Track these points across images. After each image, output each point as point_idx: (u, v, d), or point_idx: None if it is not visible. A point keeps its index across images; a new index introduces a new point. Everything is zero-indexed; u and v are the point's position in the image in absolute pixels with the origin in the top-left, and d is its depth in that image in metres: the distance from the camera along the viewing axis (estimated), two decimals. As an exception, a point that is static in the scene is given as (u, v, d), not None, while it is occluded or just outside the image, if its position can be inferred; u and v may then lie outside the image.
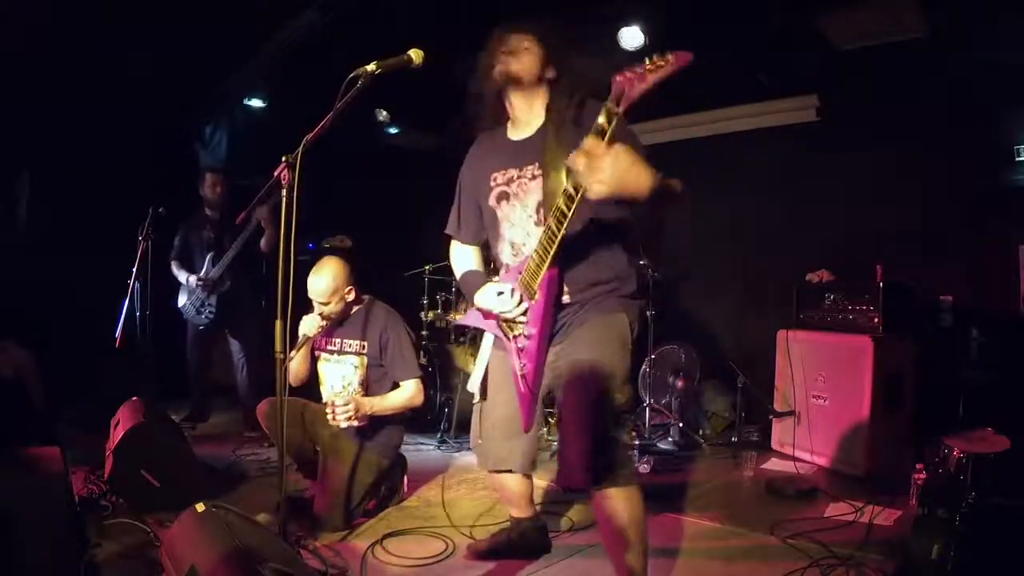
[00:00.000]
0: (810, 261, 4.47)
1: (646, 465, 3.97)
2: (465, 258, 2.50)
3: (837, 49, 4.45)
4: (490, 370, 2.40)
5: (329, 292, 3.07)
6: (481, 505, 3.37)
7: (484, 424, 2.38)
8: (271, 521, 2.67)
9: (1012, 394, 3.48)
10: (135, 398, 3.48)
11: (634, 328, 2.23)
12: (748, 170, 5.07)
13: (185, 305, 4.85)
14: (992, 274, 4.15)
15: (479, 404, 2.40)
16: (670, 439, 4.59)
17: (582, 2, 4.33)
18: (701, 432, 4.71)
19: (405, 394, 3.13)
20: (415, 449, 4.41)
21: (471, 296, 2.32)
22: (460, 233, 2.49)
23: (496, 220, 2.32)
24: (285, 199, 2.11)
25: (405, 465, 3.48)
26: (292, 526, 2.70)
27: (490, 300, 2.21)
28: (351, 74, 2.08)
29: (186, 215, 4.92)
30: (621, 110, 1.72)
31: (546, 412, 4.14)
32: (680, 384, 4.78)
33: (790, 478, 3.75)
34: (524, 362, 2.18)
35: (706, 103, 5.26)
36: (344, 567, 2.61)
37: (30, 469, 2.40)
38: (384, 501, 3.29)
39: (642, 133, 1.89)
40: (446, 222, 2.53)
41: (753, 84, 4.90)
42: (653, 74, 1.68)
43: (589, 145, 1.71)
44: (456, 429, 4.70)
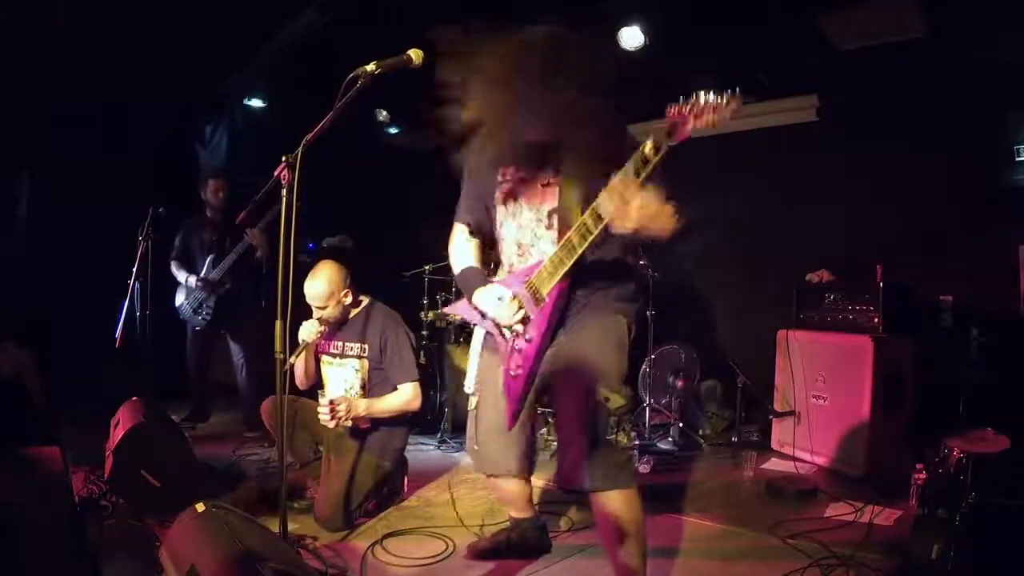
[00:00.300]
0: (810, 261, 4.47)
1: (646, 465, 3.97)
2: (465, 253, 2.44)
3: (837, 49, 4.46)
4: (480, 373, 2.39)
5: (325, 296, 3.07)
6: (481, 505, 3.37)
7: (478, 429, 2.37)
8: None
9: (1012, 394, 3.48)
10: (135, 398, 3.48)
11: (631, 330, 2.22)
12: (748, 170, 5.07)
13: (182, 305, 4.84)
14: (992, 274, 4.16)
15: (474, 410, 2.39)
16: (670, 439, 4.59)
17: (582, 2, 4.34)
18: (701, 432, 4.70)
19: (402, 397, 3.12)
20: (415, 449, 4.40)
21: (469, 293, 2.29)
22: (465, 220, 2.43)
23: (502, 219, 2.30)
24: (285, 199, 2.11)
25: (406, 466, 3.48)
26: (292, 526, 2.70)
27: (489, 304, 2.18)
28: (351, 74, 2.08)
29: (186, 215, 4.92)
30: (669, 144, 1.68)
31: (546, 413, 4.15)
32: (680, 384, 4.78)
33: (790, 478, 3.75)
34: (518, 363, 2.16)
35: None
36: (344, 567, 2.61)
37: (30, 469, 2.41)
38: (385, 502, 3.29)
39: (642, 134, 1.87)
40: (446, 222, 2.50)
41: (753, 84, 4.89)
42: (709, 115, 1.63)
43: (621, 185, 1.71)
44: (454, 430, 4.70)
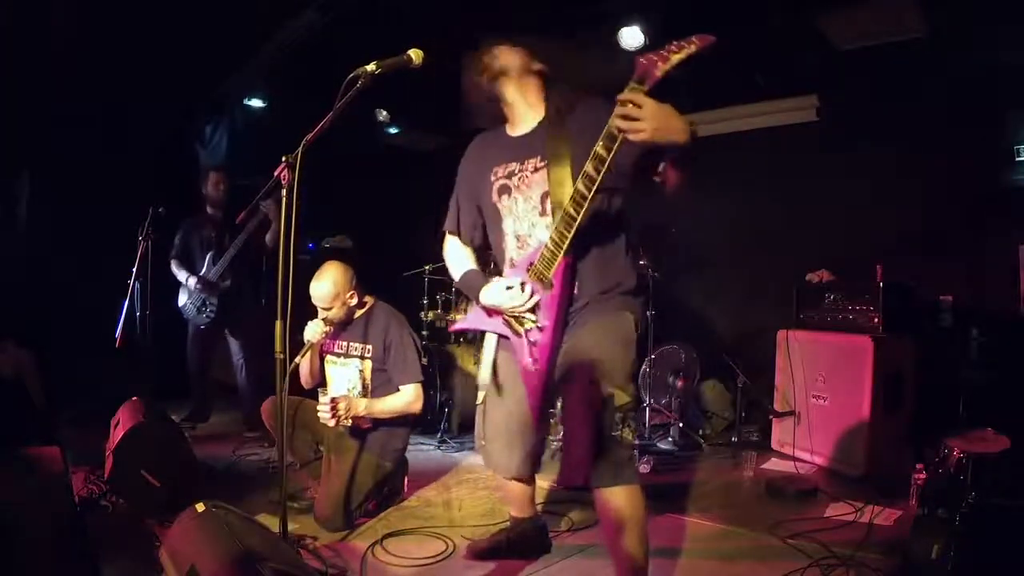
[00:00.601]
0: (810, 261, 4.47)
1: (646, 465, 3.97)
2: (461, 258, 2.47)
3: (837, 49, 4.45)
4: (495, 370, 2.38)
5: (331, 297, 3.08)
6: (481, 505, 3.37)
7: (487, 426, 2.38)
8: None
9: (1012, 394, 3.48)
10: (135, 398, 3.48)
11: (638, 326, 2.23)
12: (748, 170, 5.07)
13: (185, 305, 4.84)
14: (992, 274, 4.15)
15: (482, 406, 2.39)
16: (670, 439, 4.59)
17: (582, 2, 4.34)
18: (701, 432, 4.70)
19: (403, 399, 3.12)
20: (415, 449, 4.39)
21: (475, 294, 2.29)
22: (458, 229, 2.47)
23: (498, 215, 2.31)
24: (285, 199, 2.11)
25: (406, 466, 3.48)
26: (292, 526, 2.70)
27: (498, 296, 2.17)
28: (351, 74, 2.08)
29: (186, 215, 4.91)
30: (646, 89, 1.75)
31: (549, 413, 4.14)
32: (680, 384, 4.78)
33: (790, 478, 3.75)
34: (536, 356, 2.15)
35: (706, 103, 5.26)
36: (344, 567, 2.61)
37: (30, 469, 2.40)
38: (385, 502, 3.29)
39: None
40: (445, 221, 2.52)
41: (753, 84, 4.90)
42: (676, 54, 1.72)
43: (630, 94, 1.75)
44: (456, 429, 4.70)
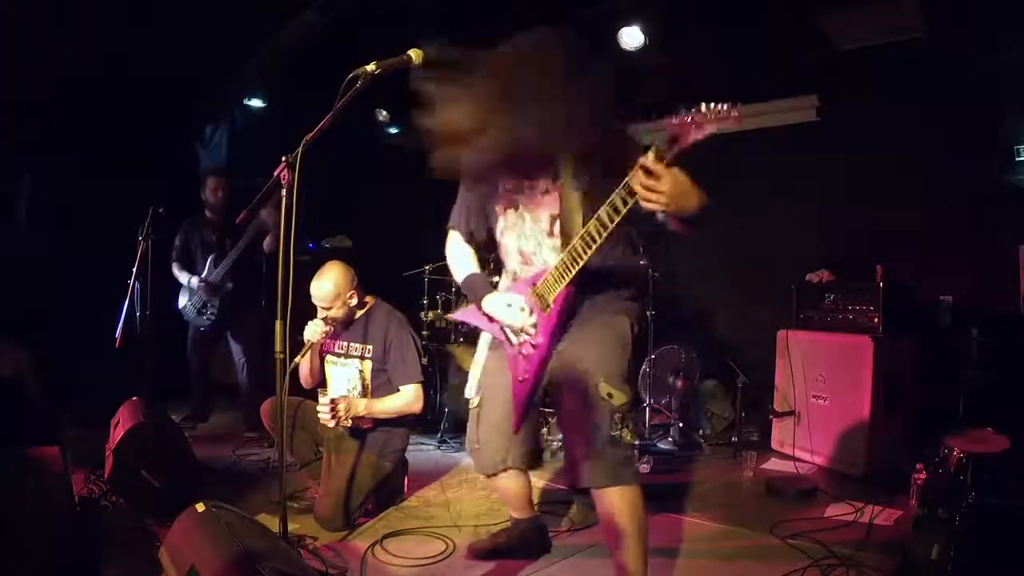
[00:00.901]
0: (810, 261, 4.47)
1: (646, 465, 3.97)
2: (464, 258, 2.47)
3: (837, 49, 4.45)
4: (486, 372, 2.39)
5: (332, 297, 3.08)
6: (481, 505, 3.37)
7: (480, 428, 2.37)
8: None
9: (1012, 394, 3.48)
10: (135, 398, 3.48)
11: (635, 328, 2.24)
12: (748, 170, 5.06)
13: (186, 307, 4.84)
14: (992, 274, 4.15)
15: (475, 409, 2.39)
16: (670, 439, 4.59)
17: (582, 2, 4.34)
18: (701, 432, 4.70)
19: (403, 399, 3.12)
20: (415, 449, 4.39)
21: (478, 299, 2.30)
22: (462, 228, 2.45)
23: (503, 226, 2.31)
24: (285, 199, 2.11)
25: (406, 466, 3.48)
26: (292, 526, 2.70)
27: (500, 310, 2.20)
28: (351, 74, 2.08)
29: (186, 215, 4.91)
30: (671, 155, 1.70)
31: (546, 413, 4.14)
32: (680, 384, 4.77)
33: (790, 478, 3.75)
34: (525, 369, 2.18)
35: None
36: (344, 567, 2.61)
37: (30, 469, 2.40)
38: (385, 502, 3.29)
39: (644, 133, 1.89)
40: (445, 221, 2.51)
41: (753, 84, 4.89)
42: (711, 125, 1.66)
43: (650, 163, 1.71)
44: (453, 429, 4.69)
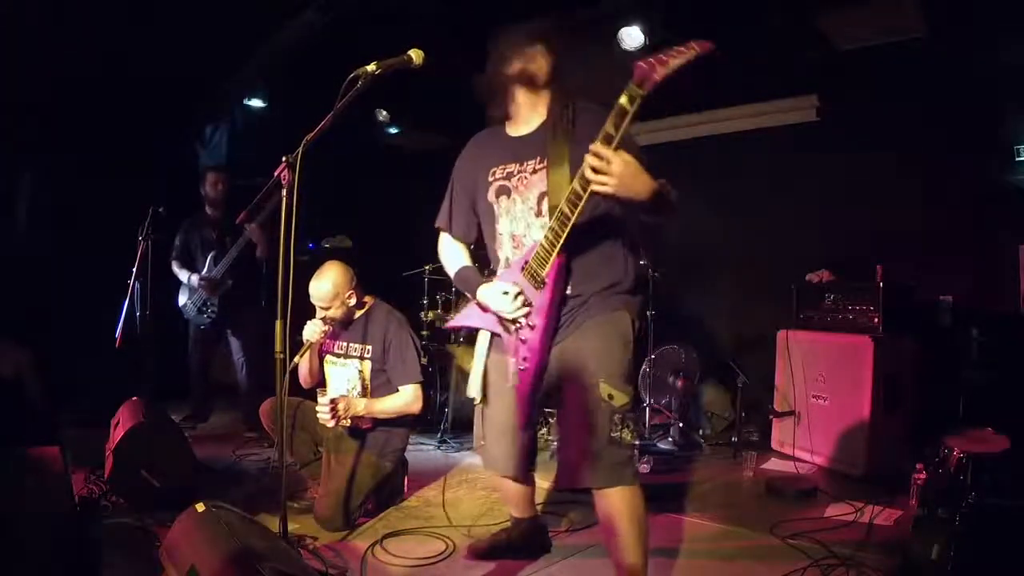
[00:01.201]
0: (810, 261, 4.47)
1: (646, 465, 3.97)
2: (456, 254, 2.48)
3: (837, 49, 4.45)
4: (488, 373, 2.38)
5: (330, 297, 3.08)
6: (481, 505, 3.37)
7: (487, 425, 2.38)
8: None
9: (1012, 394, 3.48)
10: (135, 398, 3.48)
11: (636, 326, 2.23)
12: (748, 170, 5.07)
13: (186, 305, 4.84)
14: (992, 274, 4.15)
15: (480, 406, 2.39)
16: (670, 439, 4.59)
17: (582, 2, 4.34)
18: (701, 432, 4.71)
19: (403, 399, 3.12)
20: (415, 449, 4.39)
21: (472, 291, 2.30)
22: (451, 227, 2.46)
23: (494, 215, 2.31)
24: (285, 199, 2.11)
25: (406, 466, 3.47)
26: (292, 526, 2.70)
27: (494, 298, 2.18)
28: (351, 74, 2.08)
29: (186, 215, 4.92)
30: (645, 92, 1.76)
31: (546, 413, 4.14)
32: (680, 384, 4.77)
33: (790, 478, 3.75)
34: (525, 355, 2.15)
35: (706, 103, 5.26)
36: (344, 567, 2.61)
37: (30, 469, 2.40)
38: (385, 502, 3.29)
39: (642, 133, 1.91)
40: (436, 218, 2.51)
41: (753, 84, 4.90)
42: (675, 59, 1.72)
43: (601, 147, 1.79)
44: (454, 429, 4.69)
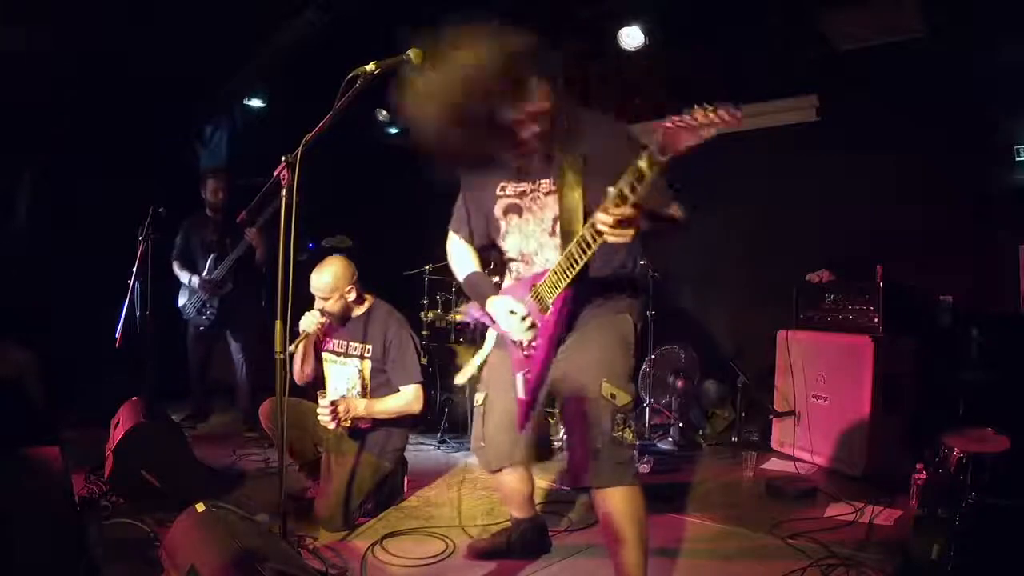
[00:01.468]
0: (810, 261, 4.47)
1: (646, 465, 3.97)
2: (466, 258, 2.46)
3: (837, 49, 4.45)
4: (490, 368, 2.39)
5: (329, 289, 3.09)
6: (481, 505, 3.37)
7: (486, 426, 2.37)
8: (268, 521, 2.66)
9: (1012, 394, 3.47)
10: (135, 398, 3.49)
11: (637, 327, 2.24)
12: (748, 170, 5.07)
13: (185, 305, 4.84)
14: (992, 274, 4.15)
15: (480, 407, 2.39)
16: (670, 439, 4.58)
17: (582, 2, 4.35)
18: (701, 432, 4.71)
19: (403, 399, 3.12)
20: (415, 449, 4.39)
21: (481, 300, 2.31)
22: (472, 237, 2.43)
23: (500, 231, 2.30)
24: (285, 199, 2.11)
25: (406, 466, 3.47)
26: (292, 526, 2.70)
27: (501, 316, 2.20)
28: (350, 74, 2.08)
29: (187, 215, 4.92)
30: (664, 160, 1.65)
31: (546, 412, 4.14)
32: (680, 384, 4.77)
33: (790, 478, 3.75)
34: (527, 368, 2.18)
35: (706, 103, 5.25)
36: (344, 567, 2.61)
37: (30, 469, 2.40)
38: (385, 502, 3.29)
39: (644, 133, 1.88)
40: (446, 220, 2.50)
41: (753, 84, 4.89)
42: (705, 129, 1.58)
43: (611, 209, 1.72)
44: (452, 429, 4.68)
